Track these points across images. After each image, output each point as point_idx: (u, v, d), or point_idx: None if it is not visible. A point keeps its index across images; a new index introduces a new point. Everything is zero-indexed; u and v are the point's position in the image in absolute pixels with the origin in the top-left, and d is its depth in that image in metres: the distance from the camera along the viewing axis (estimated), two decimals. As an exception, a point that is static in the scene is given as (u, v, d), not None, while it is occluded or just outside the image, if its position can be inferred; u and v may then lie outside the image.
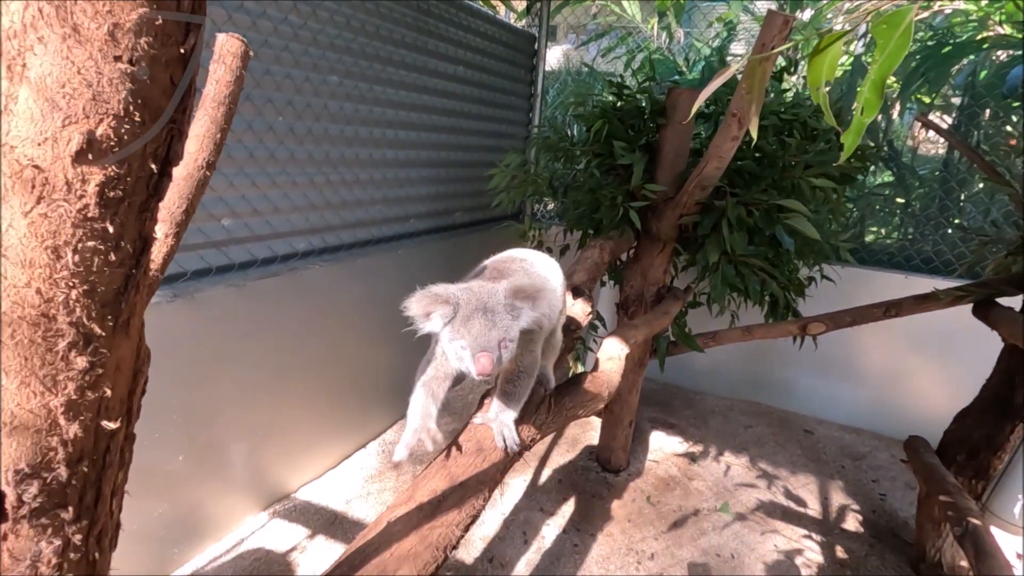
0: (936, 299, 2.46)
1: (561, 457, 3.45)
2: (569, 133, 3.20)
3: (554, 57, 6.30)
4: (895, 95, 4.47)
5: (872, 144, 2.84)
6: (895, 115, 4.77)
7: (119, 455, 0.75)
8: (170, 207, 0.94)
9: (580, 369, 3.26)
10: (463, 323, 1.14)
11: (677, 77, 4.08)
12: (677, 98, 2.61)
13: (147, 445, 2.07)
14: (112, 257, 0.63)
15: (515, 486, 3.12)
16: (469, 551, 2.60)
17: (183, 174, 0.95)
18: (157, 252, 0.92)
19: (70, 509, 0.68)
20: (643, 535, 2.82)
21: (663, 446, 3.64)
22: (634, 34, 4.90)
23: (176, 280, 2.17)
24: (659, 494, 3.15)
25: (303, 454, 2.91)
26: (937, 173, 4.17)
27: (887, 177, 4.56)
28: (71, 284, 0.60)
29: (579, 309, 2.02)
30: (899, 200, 4.43)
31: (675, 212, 2.62)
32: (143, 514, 2.15)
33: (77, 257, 0.59)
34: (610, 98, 2.94)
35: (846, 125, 2.70)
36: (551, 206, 4.83)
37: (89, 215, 0.59)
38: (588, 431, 3.75)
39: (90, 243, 0.60)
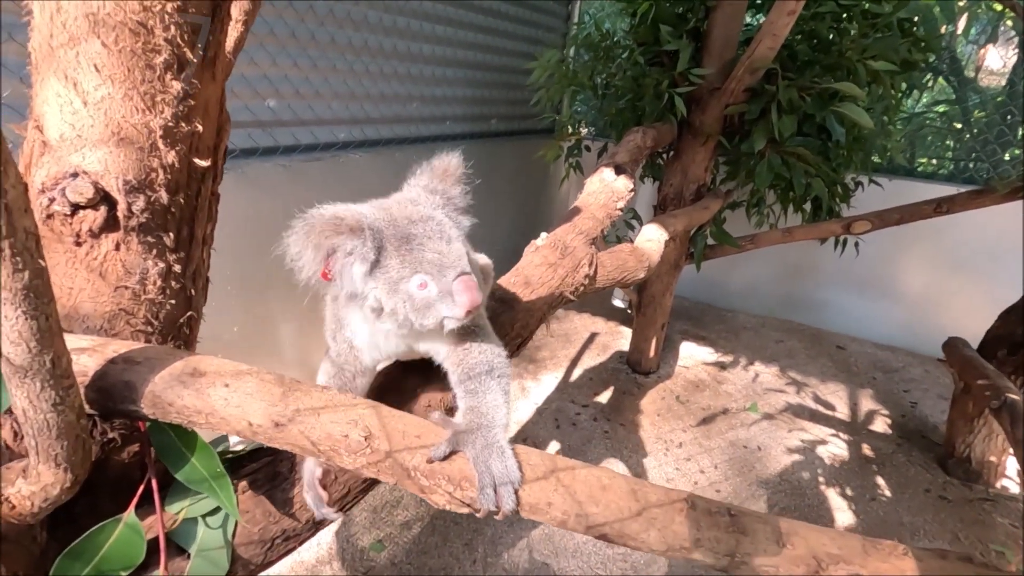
0: (992, 191, 2.37)
1: (592, 360, 3.53)
2: (610, 33, 3.07)
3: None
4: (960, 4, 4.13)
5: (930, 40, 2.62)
6: (960, 28, 4.43)
7: (208, 204, 0.81)
8: (238, -4, 0.96)
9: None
10: (403, 248, 0.71)
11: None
12: (730, -23, 2.47)
13: (205, 312, 2.20)
14: (202, -26, 0.65)
15: (546, 382, 3.22)
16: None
17: (248, -36, 0.96)
18: (230, 37, 0.94)
19: (170, 235, 0.74)
20: (672, 427, 2.91)
21: (693, 355, 3.68)
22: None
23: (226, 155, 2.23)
24: (688, 394, 3.22)
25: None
26: (1001, 99, 3.85)
27: (944, 100, 4.27)
28: (166, -5, 0.63)
29: (620, 185, 2.01)
30: (956, 125, 4.16)
31: (721, 102, 2.53)
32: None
33: (172, -36, 0.62)
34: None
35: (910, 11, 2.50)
36: (585, 131, 4.72)
37: (182, -83, 0.61)
38: (618, 338, 3.81)
39: (183, -49, 0.62)
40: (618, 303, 4.18)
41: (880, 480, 2.61)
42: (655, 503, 0.67)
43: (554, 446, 2.65)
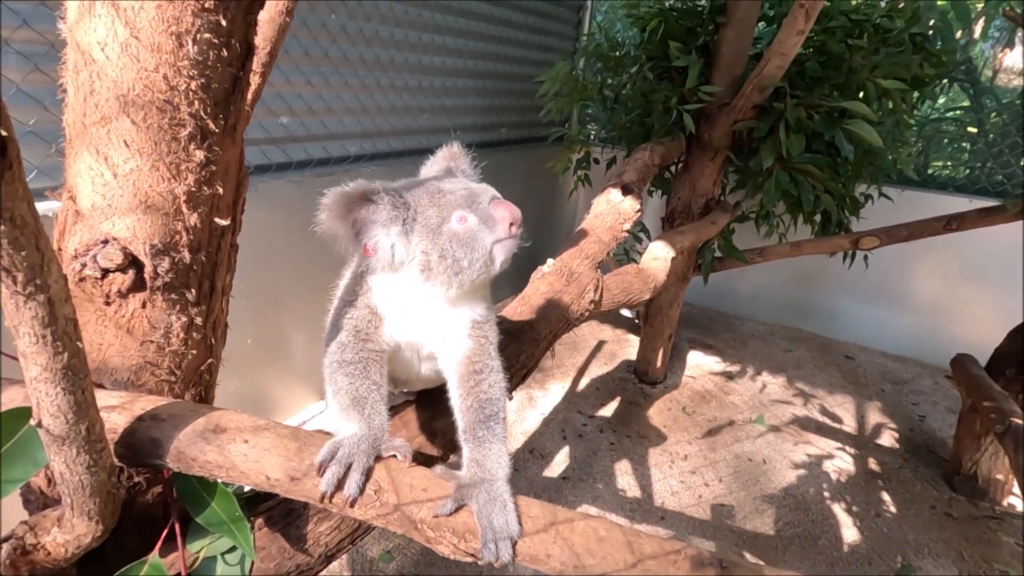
0: (1003, 211, 2.36)
1: (599, 369, 3.56)
2: (620, 43, 3.09)
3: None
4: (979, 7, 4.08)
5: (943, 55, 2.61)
6: (977, 32, 4.38)
7: (227, 257, 0.85)
8: (256, 49, 0.99)
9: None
10: (436, 197, 0.77)
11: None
12: (740, -6, 2.47)
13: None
14: (224, 53, 0.69)
15: (554, 391, 3.26)
16: (511, 443, 2.77)
17: (266, 18, 1.00)
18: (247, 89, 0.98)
19: (192, 291, 0.78)
20: (677, 439, 2.93)
21: (701, 364, 3.70)
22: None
23: (240, 173, 2.28)
24: (695, 405, 3.24)
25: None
26: (1019, 102, 3.81)
27: (960, 105, 4.23)
28: (191, 75, 0.67)
29: (627, 206, 2.03)
30: (971, 129, 4.12)
31: (730, 118, 2.54)
32: (218, 388, 2.37)
33: (196, 47, 0.66)
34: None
35: (923, 26, 2.49)
36: (594, 135, 4.72)
37: (206, 5, 0.65)
38: (626, 347, 3.83)
39: (207, 35, 0.66)
40: (625, 312, 4.19)
41: (886, 496, 2.61)
42: (650, 555, 0.71)
43: (561, 458, 2.69)
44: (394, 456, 0.73)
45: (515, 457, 2.68)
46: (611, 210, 1.96)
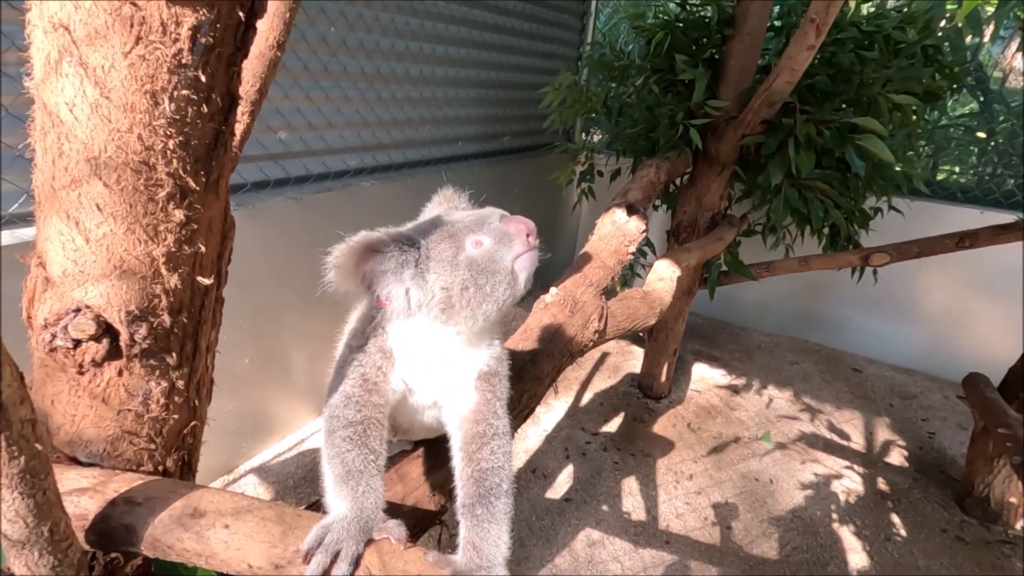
0: (1018, 229, 2.30)
1: (603, 383, 3.51)
2: (624, 51, 3.03)
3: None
4: (990, 13, 4.02)
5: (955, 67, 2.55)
6: (987, 37, 4.30)
7: (212, 314, 0.80)
8: (245, 86, 0.94)
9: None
10: (446, 231, 0.74)
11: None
12: (748, 6, 2.42)
13: (217, 346, 2.21)
14: (204, 109, 0.64)
15: (557, 407, 3.21)
16: (513, 463, 2.72)
17: (255, 53, 0.94)
18: (236, 134, 0.93)
19: (173, 355, 0.73)
20: (682, 457, 2.88)
21: (706, 377, 3.64)
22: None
23: (237, 191, 2.24)
24: (700, 421, 3.18)
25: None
26: None
27: (967, 109, 4.17)
28: (168, 133, 0.62)
29: (632, 227, 1.98)
30: (980, 135, 4.06)
31: (737, 132, 2.49)
32: (216, 408, 2.31)
33: (173, 105, 0.61)
34: (672, 5, 2.75)
35: (935, 38, 2.43)
36: (598, 138, 4.66)
37: (183, 61, 0.60)
38: (630, 359, 3.78)
39: (184, 91, 0.61)
40: (630, 322, 4.14)
41: (895, 518, 2.56)
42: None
43: (564, 478, 2.64)
44: (387, 539, 0.68)
45: (517, 477, 2.63)
46: (616, 232, 1.90)
